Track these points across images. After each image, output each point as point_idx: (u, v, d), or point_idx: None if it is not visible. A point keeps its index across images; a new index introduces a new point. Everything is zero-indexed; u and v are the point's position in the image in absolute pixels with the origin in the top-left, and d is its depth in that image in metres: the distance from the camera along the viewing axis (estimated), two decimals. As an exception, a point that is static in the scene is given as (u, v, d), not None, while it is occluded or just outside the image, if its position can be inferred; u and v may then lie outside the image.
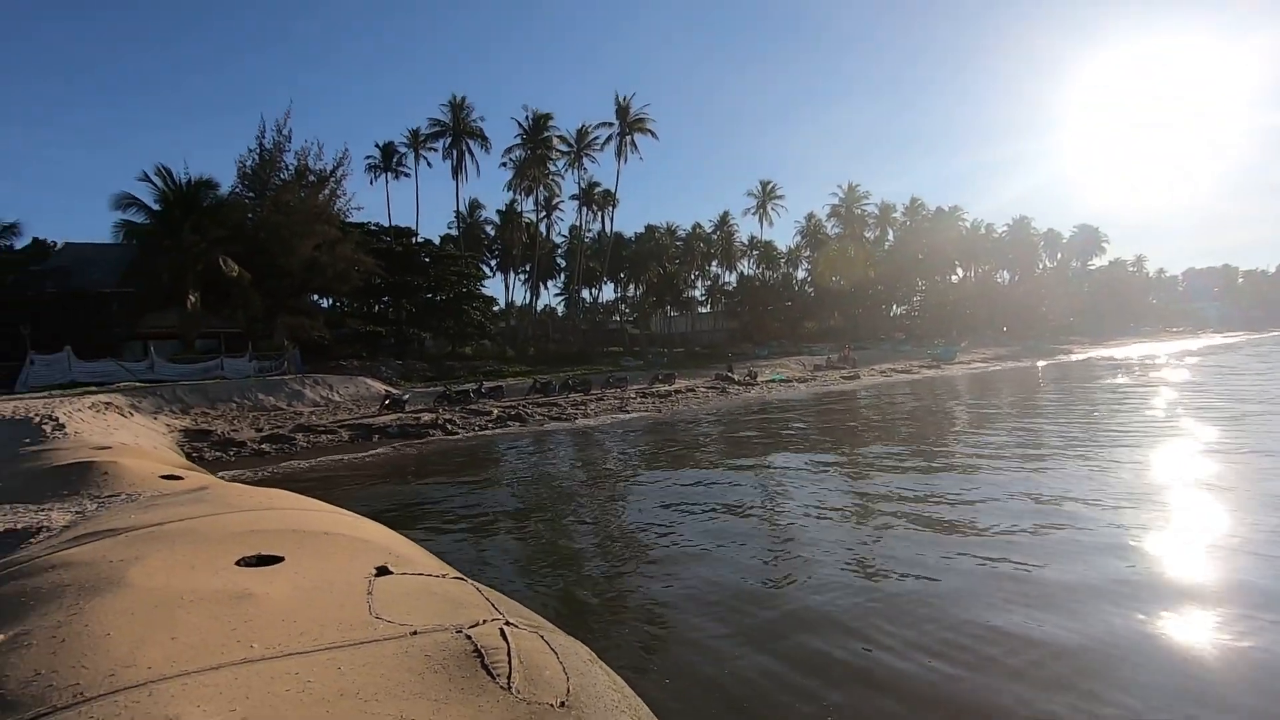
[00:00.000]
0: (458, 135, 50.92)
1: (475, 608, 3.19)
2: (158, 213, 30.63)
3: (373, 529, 5.12)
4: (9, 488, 7.85)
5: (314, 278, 34.23)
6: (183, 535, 4.26)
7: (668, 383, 30.59)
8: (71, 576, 3.50)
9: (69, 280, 31.87)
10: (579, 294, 64.76)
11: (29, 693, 2.27)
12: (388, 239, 42.89)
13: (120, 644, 2.58)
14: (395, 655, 2.55)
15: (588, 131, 54.23)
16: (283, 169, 35.50)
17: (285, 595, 3.18)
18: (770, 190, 72.82)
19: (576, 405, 23.55)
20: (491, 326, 49.07)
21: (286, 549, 3.95)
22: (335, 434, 17.81)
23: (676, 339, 66.92)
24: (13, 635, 2.79)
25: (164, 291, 29.42)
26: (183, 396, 20.90)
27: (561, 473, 13.68)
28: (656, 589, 6.48)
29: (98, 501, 6.86)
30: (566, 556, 7.93)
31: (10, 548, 5.25)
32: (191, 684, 2.27)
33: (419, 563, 4.15)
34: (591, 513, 10.05)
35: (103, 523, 5.21)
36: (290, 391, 23.29)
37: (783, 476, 11.82)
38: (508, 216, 59.87)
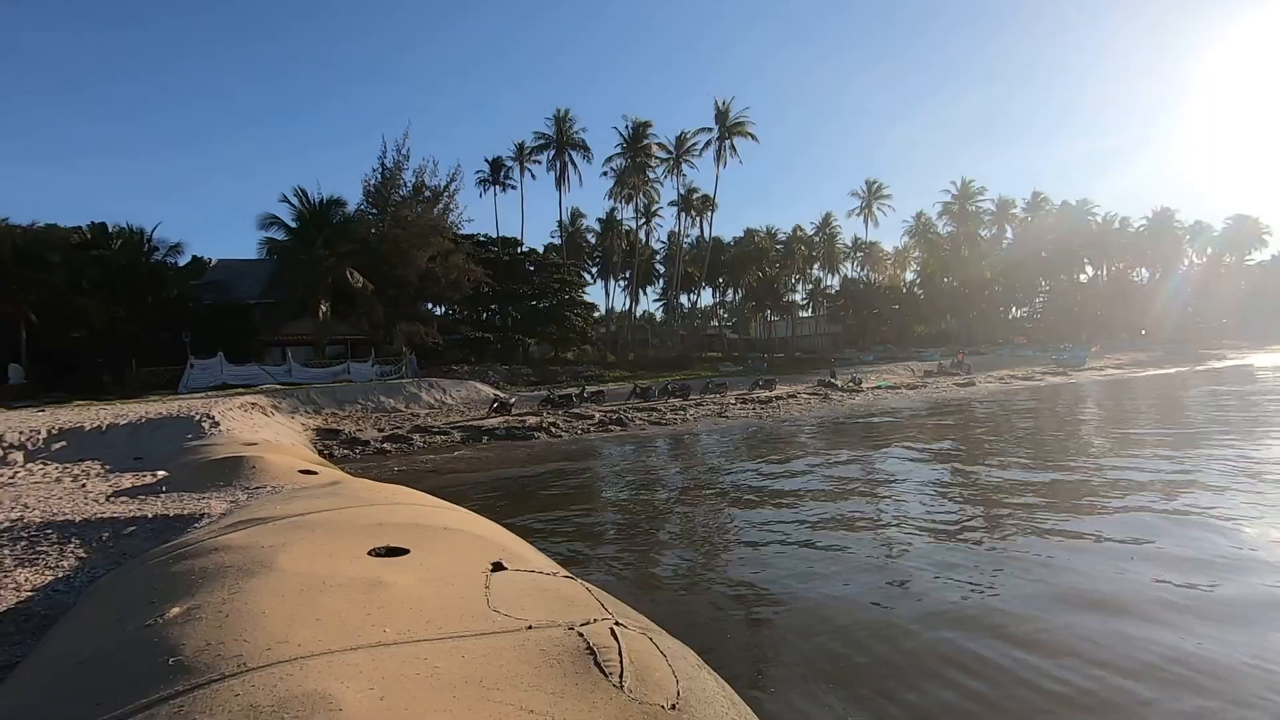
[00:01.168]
0: (561, 147, 52.56)
1: (585, 606, 3.28)
2: (295, 230, 33.63)
3: (487, 526, 5.37)
4: (178, 478, 8.87)
5: (429, 287, 36.40)
6: (321, 525, 4.65)
7: (768, 388, 30.12)
8: (231, 559, 3.90)
9: (222, 293, 35.65)
10: (677, 299, 65.13)
11: (202, 660, 2.56)
12: (495, 249, 44.89)
13: (274, 622, 2.86)
14: (513, 647, 2.67)
15: (686, 138, 54.49)
16: (402, 186, 38.04)
17: (412, 585, 3.40)
18: (876, 189, 70.26)
19: (676, 410, 23.64)
20: (592, 332, 50.24)
21: (411, 542, 4.23)
22: (448, 435, 18.79)
23: (776, 344, 65.81)
24: (187, 609, 3.15)
25: (299, 301, 32.25)
26: (315, 398, 22.74)
27: (662, 477, 13.78)
28: (761, 600, 6.39)
29: (248, 492, 7.61)
30: (668, 561, 7.98)
31: (180, 530, 5.92)
32: (335, 662, 2.48)
33: (530, 560, 4.32)
34: (693, 519, 10.06)
35: (253, 511, 5.77)
36: (408, 394, 24.80)
37: (893, 488, 11.32)
38: (608, 224, 61.19)
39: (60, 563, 5.51)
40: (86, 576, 5.09)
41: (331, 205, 34.52)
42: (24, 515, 6.93)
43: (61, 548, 5.85)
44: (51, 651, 3.41)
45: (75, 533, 6.21)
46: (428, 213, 37.60)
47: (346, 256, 32.43)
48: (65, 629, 3.80)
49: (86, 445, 12.75)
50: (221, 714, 2.12)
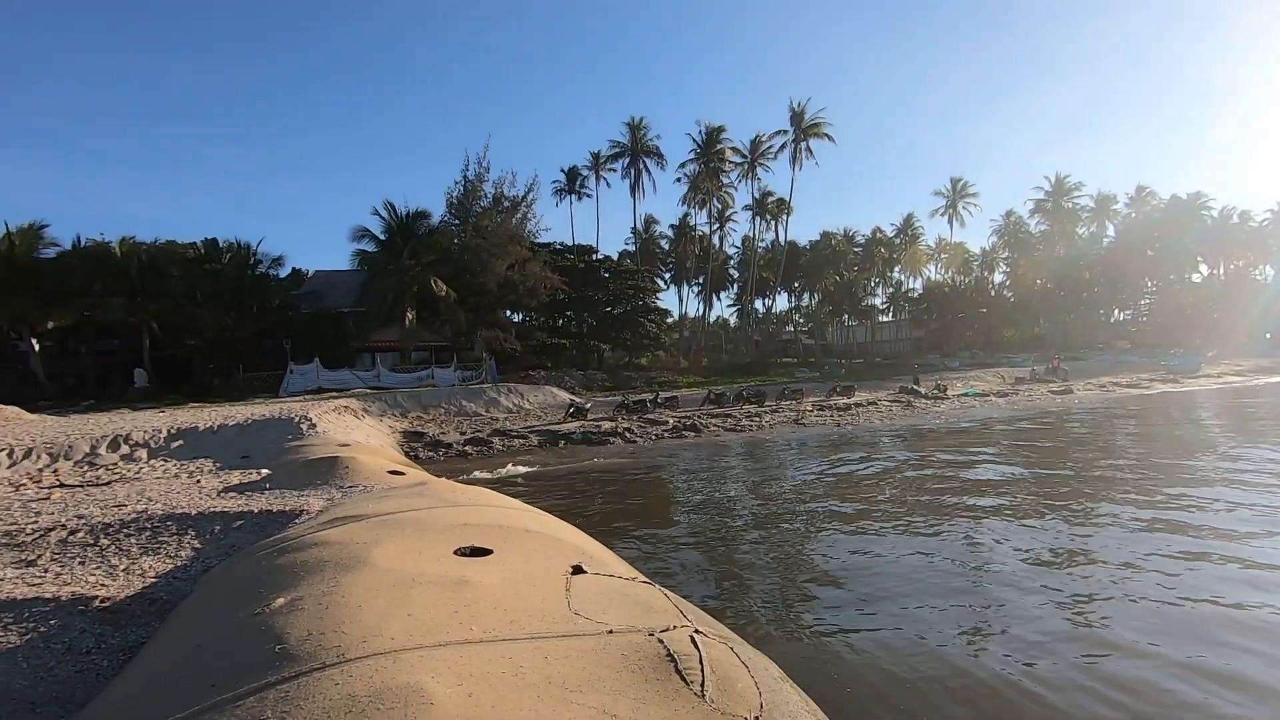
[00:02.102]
0: (635, 155, 53.09)
1: (664, 612, 3.27)
2: (383, 242, 35.40)
3: (565, 529, 5.46)
4: (279, 476, 9.46)
5: (507, 294, 37.49)
6: (410, 524, 4.84)
7: (846, 395, 29.33)
8: (328, 554, 4.12)
9: (317, 302, 37.97)
10: (751, 304, 64.40)
11: (305, 649, 2.70)
12: (571, 256, 45.75)
13: (369, 615, 3.00)
14: (594, 651, 2.70)
15: (761, 141, 53.96)
16: (482, 197, 39.41)
17: (495, 585, 3.49)
18: (961, 188, 67.35)
19: (751, 417, 23.36)
20: (666, 338, 50.37)
21: (494, 543, 4.34)
22: (526, 439, 19.25)
23: (854, 349, 64.05)
24: (290, 599, 3.34)
25: (387, 310, 33.88)
26: (401, 402, 23.79)
27: (737, 485, 13.63)
28: (843, 618, 6.18)
29: (342, 490, 8.03)
30: (743, 571, 7.87)
31: (282, 525, 6.30)
32: (426, 657, 2.57)
33: (609, 564, 4.35)
34: (770, 529, 9.88)
35: (347, 509, 6.08)
36: (488, 399, 25.57)
37: (983, 505, 10.76)
38: (681, 230, 61.22)
39: (178, 552, 5.97)
40: (201, 566, 5.49)
41: (417, 217, 36.18)
42: (148, 508, 7.56)
43: (179, 539, 6.34)
44: (173, 634, 3.70)
45: (191, 525, 6.71)
46: (507, 222, 38.79)
47: (430, 266, 33.85)
48: (184, 614, 4.11)
49: (200, 444, 13.80)
50: (323, 701, 2.24)
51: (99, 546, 6.16)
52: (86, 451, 12.84)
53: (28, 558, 5.85)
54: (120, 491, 9.09)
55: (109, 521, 6.87)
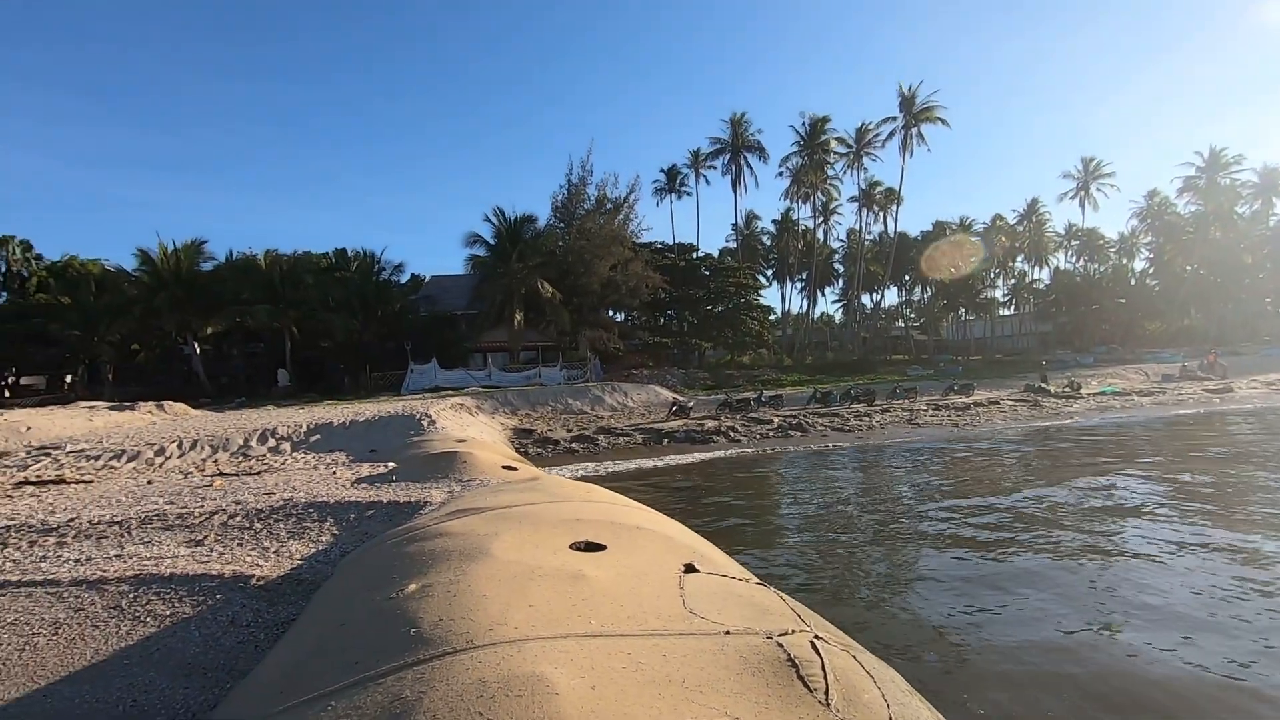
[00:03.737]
0: (736, 151, 52.44)
1: (781, 616, 3.20)
2: (493, 246, 36.99)
3: (675, 527, 5.46)
4: (404, 469, 10.08)
5: (610, 294, 38.15)
6: (526, 518, 5.01)
7: (964, 394, 27.64)
8: (453, 544, 4.33)
9: (434, 305, 40.33)
10: (858, 300, 61.99)
11: (436, 634, 2.85)
12: (672, 255, 45.90)
13: (493, 605, 3.12)
14: (712, 651, 2.67)
15: (868, 130, 51.77)
16: (585, 200, 40.29)
17: (611, 580, 3.53)
18: (1094, 168, 61.72)
19: (860, 416, 22.50)
20: (768, 335, 49.49)
21: (607, 539, 4.41)
22: (630, 436, 19.49)
23: (972, 345, 60.25)
24: (421, 586, 3.54)
25: (497, 311, 35.37)
26: (511, 400, 24.76)
27: (848, 486, 13.16)
28: (965, 637, 5.80)
29: (461, 484, 8.44)
30: (858, 578, 7.58)
31: (408, 515, 6.70)
32: (548, 648, 2.64)
33: (721, 564, 4.31)
34: (883, 533, 9.47)
35: (467, 502, 6.38)
36: (593, 397, 26.12)
37: (1125, 520, 9.81)
38: (784, 225, 59.85)
39: (320, 537, 6.49)
40: (339, 551, 5.94)
41: (524, 222, 37.54)
42: (293, 496, 8.27)
43: (320, 525, 6.89)
44: (317, 614, 4.01)
45: (330, 513, 7.28)
46: (609, 224, 39.47)
47: (537, 269, 35.02)
48: (326, 595, 4.45)
49: (334, 438, 14.96)
50: (456, 685, 2.34)
51: (253, 530, 6.80)
52: (240, 444, 14.24)
53: (196, 538, 6.55)
54: (269, 481, 10.02)
55: (261, 508, 7.58)
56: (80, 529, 6.96)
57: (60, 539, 6.66)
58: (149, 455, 13.03)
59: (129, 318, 34.15)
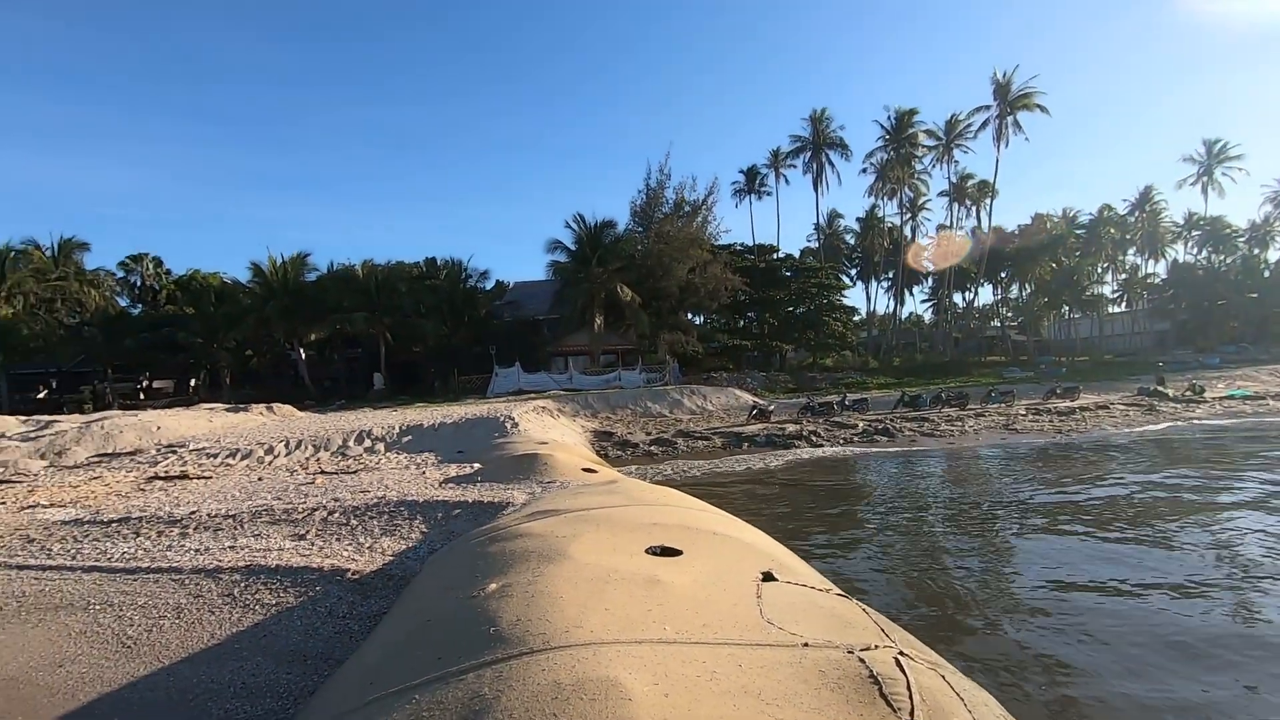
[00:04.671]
0: (817, 148, 51.27)
1: (864, 629, 3.08)
2: (574, 252, 37.72)
3: (754, 534, 5.37)
4: (489, 470, 10.40)
5: (689, 297, 38.09)
6: (604, 521, 5.06)
7: (1069, 397, 25.83)
8: (532, 545, 4.42)
9: (517, 310, 41.54)
10: (949, 299, 59.13)
11: (515, 633, 2.91)
12: (751, 256, 45.36)
13: (570, 607, 3.16)
14: (789, 663, 2.60)
15: (958, 121, 49.39)
16: (664, 204, 40.41)
17: (687, 586, 3.51)
18: (1219, 151, 56.55)
19: (951, 421, 21.46)
20: (852, 337, 48.03)
21: (683, 544, 4.39)
22: (709, 440, 19.36)
23: (1077, 345, 56.35)
24: (501, 585, 3.63)
25: (578, 316, 36.01)
26: (592, 403, 25.12)
27: (938, 495, 12.57)
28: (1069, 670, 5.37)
29: (542, 485, 8.63)
30: (948, 595, 7.21)
31: (491, 515, 6.91)
32: (623, 652, 2.65)
33: (800, 573, 4.20)
34: (975, 546, 8.98)
35: (547, 503, 6.51)
36: (671, 400, 26.14)
37: (1254, 542, 8.89)
38: (868, 223, 57.97)
39: (409, 535, 6.78)
40: (427, 548, 6.19)
41: (604, 227, 38.09)
42: (385, 495, 8.70)
43: (410, 523, 7.21)
44: (406, 609, 4.19)
45: (419, 511, 7.60)
46: (687, 226, 39.45)
47: (617, 273, 35.44)
48: (414, 591, 4.65)
49: (424, 439, 15.64)
50: (532, 685, 2.38)
51: (350, 526, 7.20)
52: (339, 444, 15.13)
53: (299, 532, 6.99)
54: (365, 479, 10.58)
55: (357, 505, 8.01)
56: (200, 521, 7.58)
57: (183, 530, 7.27)
58: (259, 454, 14.04)
59: (244, 326, 36.96)
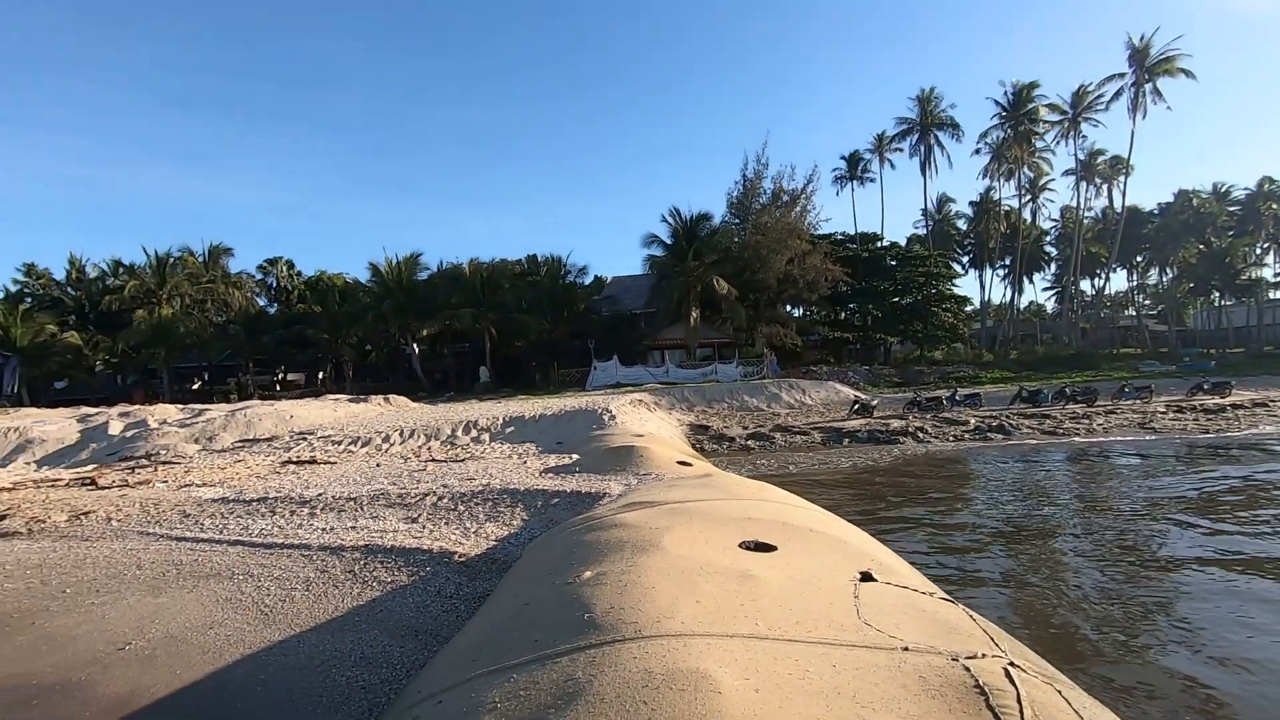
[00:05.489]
0: (925, 130, 48.66)
1: (970, 637, 2.92)
2: (670, 246, 37.83)
3: (851, 531, 5.21)
4: (586, 461, 10.65)
5: (787, 289, 37.29)
6: (697, 514, 5.06)
7: (1219, 393, 23.24)
8: (626, 535, 4.49)
9: (614, 305, 42.22)
10: (1075, 286, 54.56)
11: (608, 620, 2.98)
12: (853, 246, 43.78)
13: (662, 597, 3.19)
14: (887, 667, 2.51)
15: (1087, 92, 45.33)
16: (761, 194, 39.65)
17: (780, 583, 3.45)
18: None
19: (1077, 419, 19.84)
20: (964, 328, 45.36)
21: (778, 539, 4.32)
22: (808, 435, 18.91)
23: (1230, 336, 50.52)
24: (596, 573, 3.72)
25: (674, 309, 36.10)
26: (688, 396, 25.14)
27: (1058, 498, 11.67)
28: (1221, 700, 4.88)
29: (637, 477, 8.74)
30: (1069, 600, 6.69)
31: (588, 505, 7.07)
32: (713, 645, 2.65)
33: (901, 574, 4.04)
34: (1101, 550, 8.27)
35: (642, 495, 6.59)
36: (769, 394, 25.72)
37: None
38: (983, 206, 54.38)
39: (511, 521, 7.07)
40: (528, 535, 6.42)
41: (700, 220, 37.95)
42: (489, 483, 9.10)
43: (512, 510, 7.51)
44: (508, 591, 4.37)
45: (520, 499, 7.90)
46: (786, 217, 38.51)
47: (713, 266, 35.21)
48: (515, 575, 4.84)
49: (526, 430, 16.22)
50: (624, 672, 2.43)
51: (457, 511, 7.59)
52: (448, 434, 15.96)
53: (412, 515, 7.45)
54: (471, 467, 11.11)
55: (463, 491, 8.43)
56: (326, 503, 8.23)
57: (311, 511, 7.92)
58: (377, 442, 15.06)
59: (363, 323, 39.70)
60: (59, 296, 47.13)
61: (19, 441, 16.01)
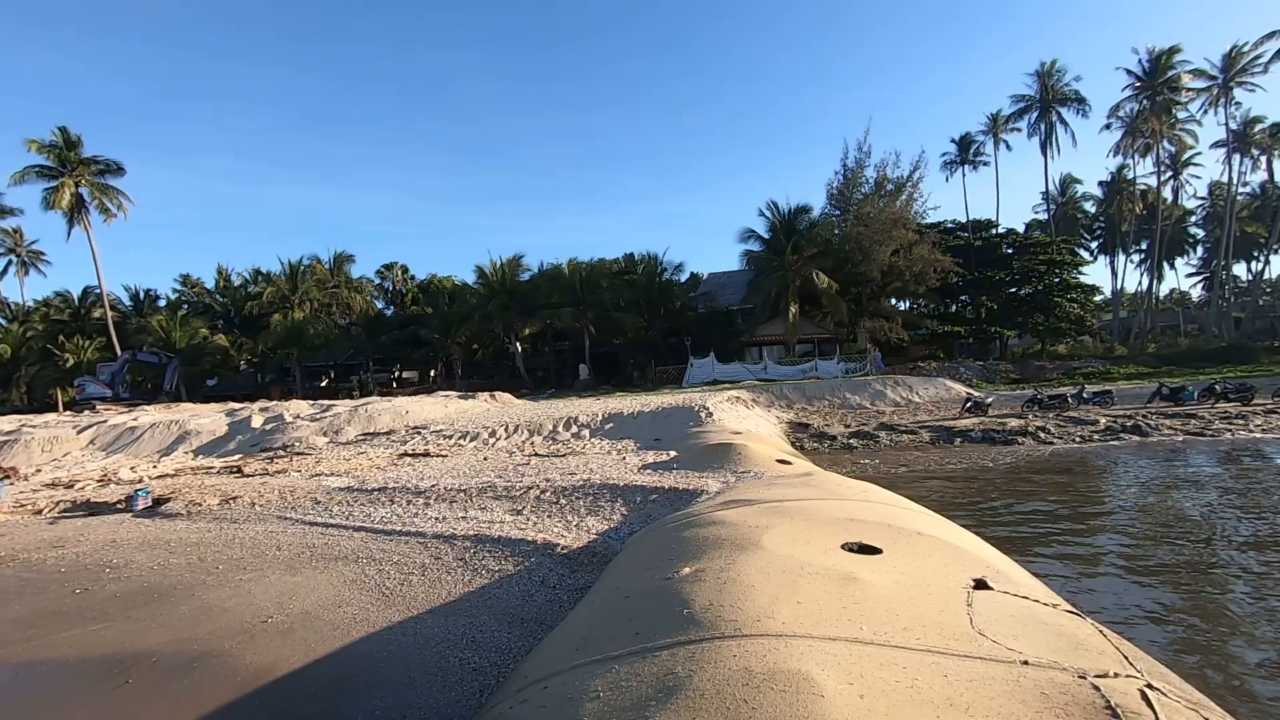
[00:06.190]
0: (1046, 107, 45.18)
1: (1100, 654, 2.70)
2: (767, 240, 37.20)
3: (964, 536, 4.94)
4: (684, 458, 10.69)
5: (892, 282, 35.72)
6: (797, 513, 4.97)
7: None
8: (725, 533, 4.48)
9: (711, 302, 42.02)
10: (1227, 271, 48.89)
11: (707, 617, 2.99)
12: (965, 234, 41.33)
13: (761, 596, 3.16)
14: (1004, 681, 2.37)
15: (1240, 53, 40.45)
16: (863, 184, 38.15)
17: (886, 587, 3.34)
18: None
19: (1229, 419, 17.80)
20: (1092, 320, 41.75)
21: (883, 542, 4.17)
22: (915, 434, 18.05)
23: None
24: (694, 570, 3.73)
25: (772, 305, 35.45)
26: (787, 394, 24.64)
27: (1207, 505, 10.53)
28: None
29: (735, 475, 8.67)
30: (1218, 618, 6.03)
31: (686, 502, 7.10)
32: (815, 647, 2.60)
33: (1020, 583, 3.79)
34: (1260, 565, 7.39)
35: (740, 493, 6.54)
36: (873, 392, 24.76)
37: None
38: (1114, 186, 49.79)
39: (611, 516, 7.21)
40: (627, 530, 6.53)
41: (798, 213, 37.06)
42: (589, 478, 9.31)
43: (612, 505, 7.65)
44: (609, 583, 4.47)
45: (619, 494, 8.04)
46: (890, 206, 36.83)
47: (812, 260, 34.29)
48: (616, 568, 4.94)
49: (624, 427, 16.45)
50: (723, 669, 2.44)
51: (559, 505, 7.82)
52: (550, 429, 16.46)
53: (517, 508, 7.75)
54: (571, 462, 11.42)
55: (565, 486, 8.68)
56: (439, 494, 8.71)
57: (426, 501, 8.41)
58: (484, 436, 15.76)
59: (470, 322, 41.63)
60: (209, 303, 52.54)
61: (179, 433, 17.99)
